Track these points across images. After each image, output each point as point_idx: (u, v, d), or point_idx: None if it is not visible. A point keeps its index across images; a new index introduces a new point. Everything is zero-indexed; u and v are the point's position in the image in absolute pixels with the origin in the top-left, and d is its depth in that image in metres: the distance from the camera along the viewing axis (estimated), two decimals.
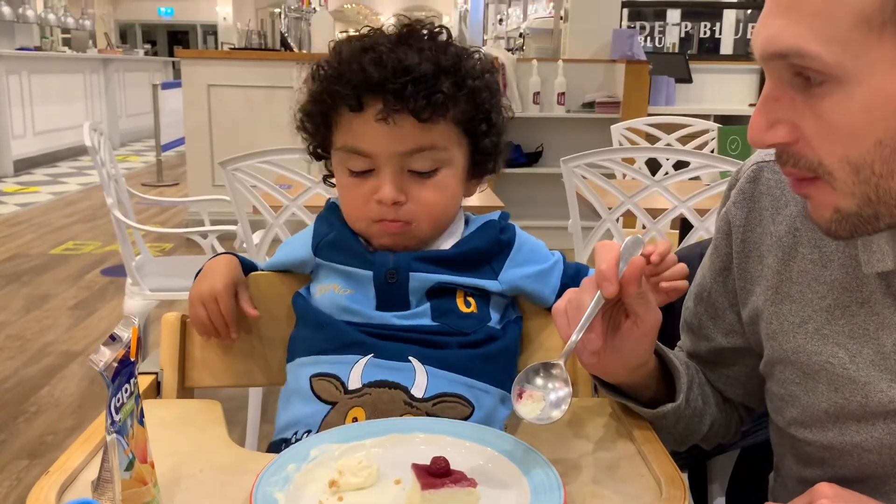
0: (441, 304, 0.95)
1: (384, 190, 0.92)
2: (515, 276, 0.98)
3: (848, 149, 0.63)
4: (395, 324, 0.94)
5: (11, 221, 5.66)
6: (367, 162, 0.93)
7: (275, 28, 5.77)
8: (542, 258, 1.02)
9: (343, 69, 0.92)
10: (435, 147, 0.93)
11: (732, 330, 0.91)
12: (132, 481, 0.65)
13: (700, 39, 7.28)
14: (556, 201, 2.66)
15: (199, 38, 19.84)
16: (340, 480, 0.72)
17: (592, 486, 0.74)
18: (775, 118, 0.66)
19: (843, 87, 0.61)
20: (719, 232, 0.89)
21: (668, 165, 2.99)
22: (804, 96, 0.64)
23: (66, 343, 3.30)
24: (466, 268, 0.97)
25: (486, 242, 0.98)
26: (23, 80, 8.08)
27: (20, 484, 2.20)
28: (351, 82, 0.90)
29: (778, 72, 0.65)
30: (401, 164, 0.93)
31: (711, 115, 4.68)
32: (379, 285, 0.95)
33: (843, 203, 0.66)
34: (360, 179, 0.94)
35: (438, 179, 0.95)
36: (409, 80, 0.88)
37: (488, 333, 0.96)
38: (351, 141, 0.93)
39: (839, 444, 0.78)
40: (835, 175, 0.65)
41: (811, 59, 0.61)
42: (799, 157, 0.67)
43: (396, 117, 0.89)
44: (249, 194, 2.06)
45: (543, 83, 4.75)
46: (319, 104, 0.95)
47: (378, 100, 0.90)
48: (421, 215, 0.95)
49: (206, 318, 1.00)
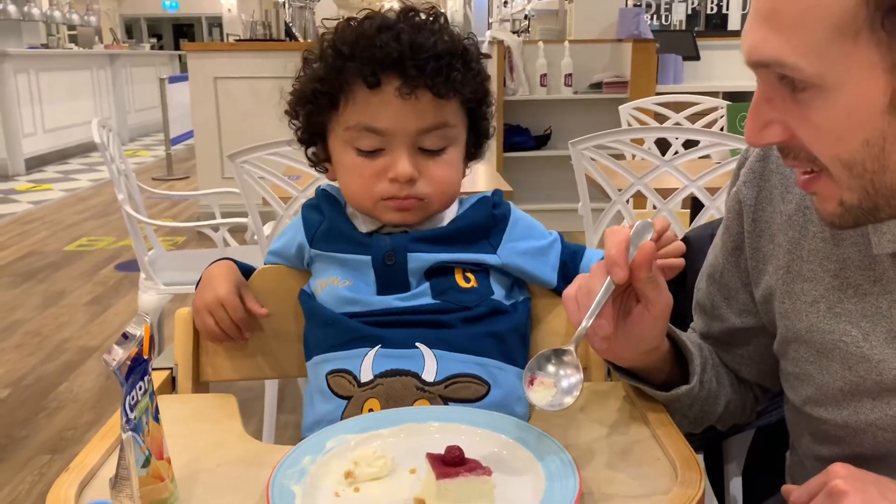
0: (440, 282, 0.95)
1: (400, 166, 0.92)
2: (514, 250, 0.98)
3: (837, 149, 0.65)
4: (397, 306, 0.94)
5: (25, 219, 5.70)
6: (379, 140, 0.93)
7: (279, 18, 5.77)
8: (539, 234, 1.02)
9: (358, 47, 0.91)
10: (447, 125, 0.94)
11: (746, 310, 0.90)
12: (149, 478, 0.65)
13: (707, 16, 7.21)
14: (566, 184, 2.65)
15: (205, 30, 19.83)
16: (356, 471, 0.72)
17: (607, 471, 0.74)
18: (768, 119, 0.68)
19: (826, 93, 0.63)
20: (730, 212, 0.89)
21: (678, 144, 2.97)
22: (792, 98, 0.66)
23: (82, 339, 3.33)
24: (464, 243, 0.97)
25: (481, 217, 0.99)
26: (31, 79, 8.11)
27: (42, 479, 2.23)
28: (368, 59, 0.90)
29: (765, 76, 0.67)
30: (414, 142, 0.93)
31: (720, 93, 4.63)
32: (378, 269, 0.95)
33: (846, 196, 0.67)
34: (370, 159, 0.94)
35: (447, 157, 0.96)
36: (429, 56, 0.90)
37: (492, 307, 0.95)
38: (366, 119, 0.92)
39: (854, 422, 0.78)
40: (830, 171, 0.66)
41: (791, 69, 0.63)
42: (798, 151, 0.68)
43: (416, 93, 0.90)
44: (259, 186, 2.06)
45: (550, 65, 4.72)
46: (328, 83, 0.93)
47: (395, 77, 0.90)
48: (433, 192, 0.95)
49: (215, 325, 1.01)
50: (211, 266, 1.05)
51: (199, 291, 1.02)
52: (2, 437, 2.48)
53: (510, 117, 4.79)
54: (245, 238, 2.93)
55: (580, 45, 4.80)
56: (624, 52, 4.78)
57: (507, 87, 4.71)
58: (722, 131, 2.36)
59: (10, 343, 3.29)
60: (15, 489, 2.18)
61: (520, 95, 4.73)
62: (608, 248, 0.76)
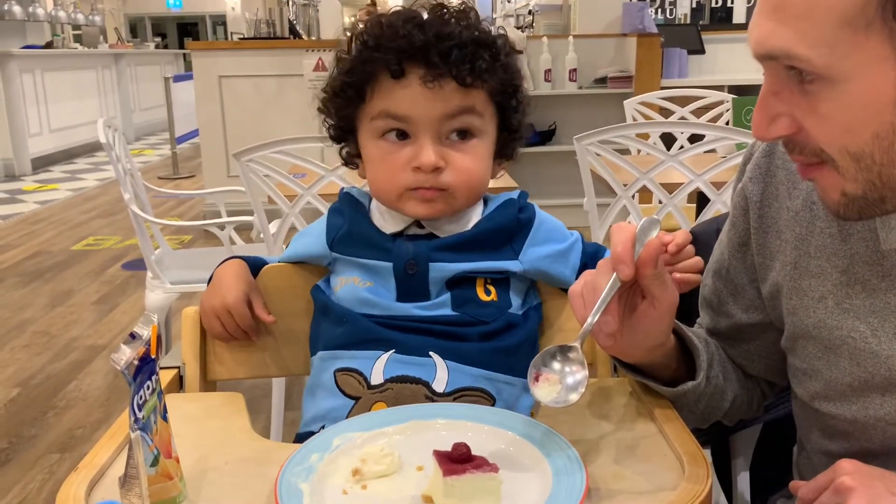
0: (461, 293, 0.95)
1: (425, 154, 0.91)
2: (536, 255, 0.98)
3: (846, 141, 0.64)
4: (416, 314, 0.94)
5: (32, 219, 5.72)
6: (406, 128, 0.93)
7: (283, 16, 5.77)
8: (561, 237, 1.01)
9: (384, 37, 0.92)
10: (474, 110, 0.93)
11: (752, 305, 0.90)
12: (158, 476, 0.66)
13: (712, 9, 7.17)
14: (571, 179, 2.64)
15: (209, 29, 19.84)
16: (363, 468, 0.72)
17: (614, 467, 0.75)
18: (776, 112, 0.68)
19: (835, 85, 0.62)
20: (736, 208, 0.89)
21: (683, 139, 2.96)
22: (800, 91, 0.65)
23: (90, 338, 3.34)
24: (486, 249, 0.96)
25: (506, 220, 0.98)
26: (36, 79, 8.13)
27: (52, 477, 2.24)
28: (393, 48, 0.90)
29: (773, 69, 0.66)
30: (439, 130, 0.92)
31: (725, 86, 4.61)
32: (399, 276, 0.95)
33: (849, 187, 0.67)
34: (396, 147, 0.93)
35: (474, 146, 0.95)
36: (453, 45, 0.90)
37: (508, 321, 0.95)
38: (391, 107, 0.92)
39: (863, 417, 0.78)
40: (837, 162, 0.66)
41: (800, 60, 0.62)
42: (804, 145, 0.68)
43: (441, 81, 0.90)
44: (264, 185, 2.06)
45: (554, 60, 4.71)
46: (355, 75, 0.94)
47: (420, 65, 0.90)
48: (459, 182, 0.94)
49: (222, 329, 1.02)
50: (221, 266, 1.05)
51: (208, 294, 1.03)
52: (12, 435, 2.49)
53: None
54: (251, 236, 2.93)
55: (584, 40, 4.79)
56: (628, 46, 4.76)
57: None
58: (727, 125, 2.35)
59: (18, 342, 3.31)
60: (25, 488, 2.19)
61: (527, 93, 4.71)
62: (614, 244, 0.75)
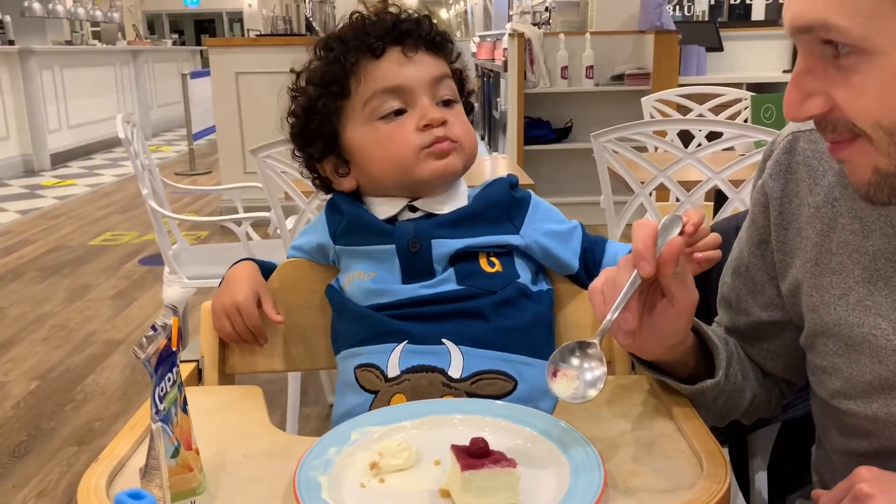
0: (464, 267, 0.96)
1: (430, 111, 0.96)
2: (537, 231, 1.00)
3: (879, 115, 0.63)
4: (423, 294, 0.95)
5: (51, 214, 5.78)
6: (401, 99, 0.97)
7: (299, 13, 5.78)
8: (559, 219, 1.04)
9: (354, 30, 1.00)
10: (450, 76, 1.02)
11: (772, 303, 0.89)
12: (178, 468, 0.66)
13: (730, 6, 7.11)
14: (588, 177, 2.64)
15: (226, 25, 19.94)
16: (381, 462, 0.72)
17: (632, 464, 0.74)
18: (809, 91, 0.67)
19: (872, 57, 0.61)
20: (756, 204, 0.88)
21: (701, 136, 2.94)
22: (834, 66, 0.64)
23: (108, 332, 3.37)
24: (487, 223, 0.98)
25: (501, 195, 1.01)
26: (56, 75, 8.21)
27: (70, 470, 2.26)
28: (368, 34, 0.98)
29: (808, 44, 0.65)
30: (432, 93, 0.98)
31: (744, 84, 4.58)
32: (402, 256, 0.96)
33: (882, 162, 0.66)
34: (397, 122, 0.97)
35: (458, 111, 1.01)
36: (414, 21, 1.00)
37: (519, 290, 0.96)
38: (383, 82, 0.97)
39: (884, 415, 0.77)
40: (871, 137, 0.65)
41: (837, 31, 0.61)
42: (836, 122, 0.67)
43: (416, 50, 0.99)
44: (281, 180, 2.07)
45: (571, 57, 4.69)
46: (334, 72, 0.99)
47: (395, 44, 0.98)
48: (463, 137, 0.99)
49: (231, 329, 1.02)
50: (233, 267, 1.06)
51: (218, 294, 1.04)
52: (31, 428, 2.52)
53: (531, 110, 4.76)
54: (268, 232, 2.94)
55: (601, 37, 4.77)
56: (646, 43, 4.74)
57: (528, 79, 4.69)
58: (746, 123, 2.34)
59: (37, 336, 3.34)
60: (44, 479, 2.21)
61: (540, 88, 4.71)
62: (635, 241, 0.75)
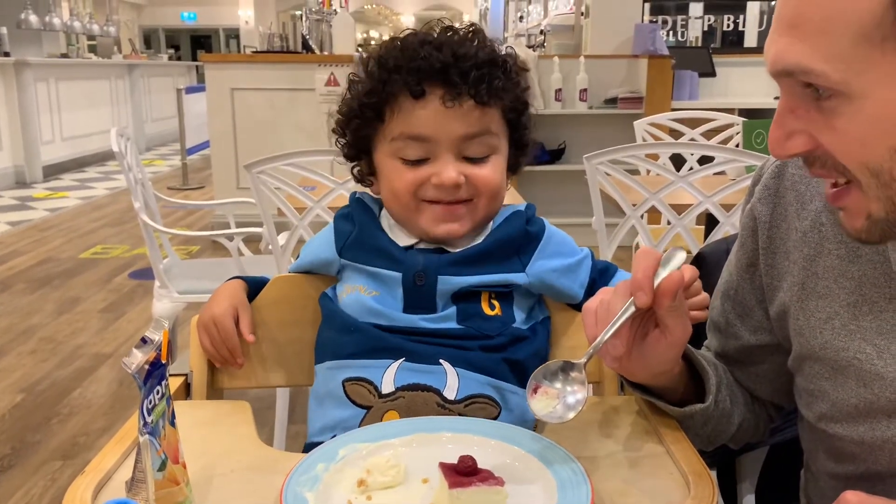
0: (467, 307, 0.95)
1: (445, 172, 0.94)
2: (543, 268, 0.98)
3: (863, 156, 0.64)
4: (423, 327, 0.95)
5: (42, 226, 5.75)
6: (424, 149, 0.95)
7: (296, 30, 5.82)
8: (570, 252, 1.02)
9: (403, 59, 0.94)
10: (490, 132, 0.96)
11: (760, 327, 0.90)
12: (165, 481, 0.66)
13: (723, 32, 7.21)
14: (580, 198, 2.65)
15: (222, 41, 20.01)
16: (369, 480, 0.72)
17: (620, 484, 0.74)
18: (792, 129, 0.67)
19: (852, 101, 0.62)
20: (745, 229, 0.89)
21: (693, 160, 2.96)
22: (816, 108, 0.65)
23: (96, 345, 3.35)
24: (494, 262, 0.97)
25: (515, 231, 0.99)
26: (50, 87, 8.21)
27: (54, 484, 2.24)
28: (413, 69, 0.93)
29: (790, 87, 0.66)
30: (458, 149, 0.95)
31: (736, 109, 4.61)
32: (407, 287, 0.96)
33: (873, 207, 0.66)
34: (415, 168, 0.95)
35: (491, 163, 0.97)
36: (471, 65, 0.93)
37: (512, 335, 0.96)
38: (411, 128, 0.94)
39: (870, 438, 0.77)
40: (859, 179, 0.65)
41: (816, 75, 0.62)
42: (824, 160, 0.67)
43: (460, 100, 0.93)
44: (274, 196, 2.07)
45: (565, 80, 4.73)
46: (374, 96, 0.96)
47: (439, 85, 0.93)
48: (481, 191, 0.96)
49: (210, 345, 1.02)
50: (222, 285, 1.07)
51: (202, 309, 1.04)
52: (15, 441, 2.49)
53: None
54: (260, 248, 2.94)
55: (596, 61, 4.82)
56: (639, 67, 4.78)
57: None
58: (737, 148, 2.36)
59: (25, 348, 3.32)
60: (28, 493, 2.19)
61: (534, 110, 4.73)
62: (636, 270, 0.75)
